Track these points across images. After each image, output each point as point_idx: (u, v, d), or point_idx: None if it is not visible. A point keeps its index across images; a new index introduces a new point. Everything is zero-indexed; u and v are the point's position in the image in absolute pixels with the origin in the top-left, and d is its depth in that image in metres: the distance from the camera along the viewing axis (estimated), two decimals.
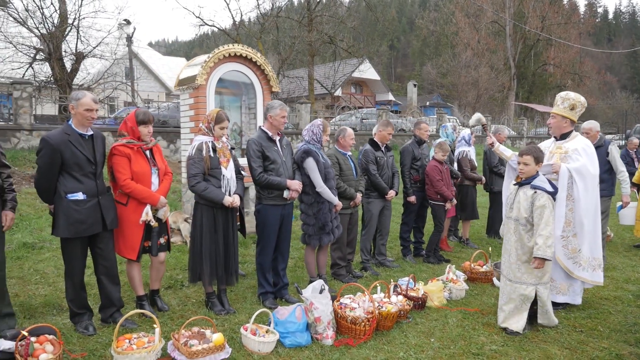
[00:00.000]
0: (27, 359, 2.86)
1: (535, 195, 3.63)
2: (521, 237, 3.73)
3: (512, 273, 3.79)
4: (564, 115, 4.24)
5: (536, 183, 3.66)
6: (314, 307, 3.62)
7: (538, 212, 3.59)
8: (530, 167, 3.70)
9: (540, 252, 3.54)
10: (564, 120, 4.26)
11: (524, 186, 3.75)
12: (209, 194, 3.93)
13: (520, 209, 3.71)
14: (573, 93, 4.31)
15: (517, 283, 3.75)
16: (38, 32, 15.67)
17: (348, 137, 5.03)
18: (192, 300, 4.44)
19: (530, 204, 3.65)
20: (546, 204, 3.58)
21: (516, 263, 3.76)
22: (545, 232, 3.54)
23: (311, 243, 4.64)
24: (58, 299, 4.22)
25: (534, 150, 3.72)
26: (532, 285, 3.71)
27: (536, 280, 3.71)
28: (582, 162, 4.10)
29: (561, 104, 4.25)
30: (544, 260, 3.57)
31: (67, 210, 3.44)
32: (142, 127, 3.76)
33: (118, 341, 3.12)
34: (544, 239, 3.53)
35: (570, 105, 4.21)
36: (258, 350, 3.34)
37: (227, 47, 6.64)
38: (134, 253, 3.79)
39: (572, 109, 4.22)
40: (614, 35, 66.78)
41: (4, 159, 3.49)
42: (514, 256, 3.78)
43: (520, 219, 3.72)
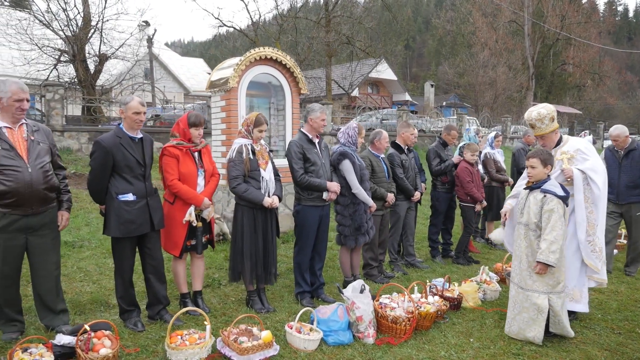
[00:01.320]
0: (88, 353, 2.99)
1: (544, 199, 3.54)
2: (531, 242, 3.62)
3: (524, 280, 3.67)
4: (551, 130, 4.11)
5: (546, 187, 3.57)
6: (355, 306, 3.70)
7: (546, 216, 3.50)
8: (538, 170, 3.61)
9: (543, 257, 3.44)
10: (554, 133, 4.15)
11: (534, 190, 3.66)
12: (249, 195, 4.04)
13: (530, 214, 3.62)
14: (543, 108, 4.09)
15: (529, 291, 3.63)
16: (63, 34, 15.99)
17: (383, 140, 5.11)
18: (231, 299, 4.56)
19: (539, 208, 3.56)
20: (555, 208, 3.48)
21: (527, 270, 3.64)
22: (550, 236, 3.44)
23: (347, 244, 4.72)
24: (104, 296, 4.36)
25: (540, 153, 3.63)
26: (545, 294, 3.57)
27: (548, 288, 3.57)
28: (592, 161, 4.01)
29: (541, 124, 4.08)
30: (546, 266, 3.46)
31: (118, 210, 3.57)
32: (192, 130, 3.88)
33: (171, 337, 3.23)
34: (548, 244, 3.44)
35: (550, 119, 4.07)
36: (304, 347, 3.43)
37: (258, 51, 6.75)
38: (177, 250, 3.92)
39: (553, 120, 4.10)
40: (634, 34, 65.63)
41: (60, 161, 3.63)
42: (525, 263, 3.66)
43: (530, 224, 3.63)
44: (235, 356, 3.15)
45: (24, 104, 3.33)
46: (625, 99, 45.71)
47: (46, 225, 3.46)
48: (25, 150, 3.33)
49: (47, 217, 3.47)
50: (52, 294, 3.55)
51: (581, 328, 3.95)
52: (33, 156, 3.35)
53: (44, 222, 3.44)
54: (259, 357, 3.18)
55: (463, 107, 38.38)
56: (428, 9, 77.18)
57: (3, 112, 3.32)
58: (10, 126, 3.33)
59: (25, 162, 3.29)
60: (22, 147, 3.32)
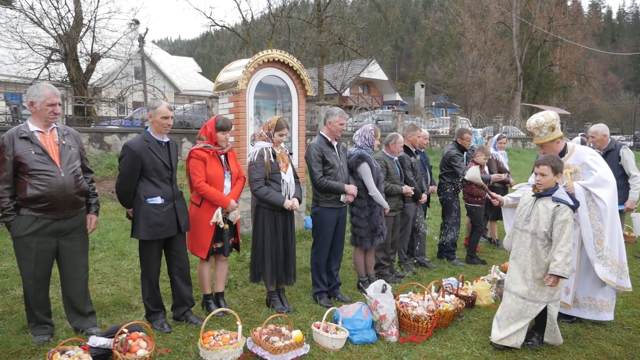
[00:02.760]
0: (126, 354, 3.04)
1: (557, 209, 3.37)
2: (537, 252, 3.46)
3: (527, 291, 3.52)
4: (552, 140, 3.95)
5: (558, 195, 3.41)
6: (379, 305, 3.80)
7: (559, 227, 3.34)
8: (548, 178, 3.43)
9: (559, 270, 3.28)
10: (555, 143, 3.97)
11: (543, 198, 3.48)
12: (270, 197, 4.12)
13: (540, 222, 3.43)
14: (542, 117, 3.95)
15: (531, 301, 3.50)
16: (55, 32, 15.81)
17: (398, 144, 5.22)
18: (250, 299, 4.62)
19: (551, 218, 3.38)
20: (569, 218, 3.34)
21: (532, 280, 3.50)
22: (566, 248, 3.29)
23: (363, 245, 4.81)
24: (124, 298, 4.40)
25: (551, 160, 3.44)
26: (544, 303, 3.49)
27: (548, 297, 3.48)
28: (596, 175, 3.85)
29: (540, 132, 3.95)
30: (559, 278, 3.34)
31: (146, 213, 3.62)
32: (219, 133, 3.94)
33: (203, 338, 3.30)
34: (564, 256, 3.28)
35: (549, 128, 3.92)
36: (332, 346, 3.52)
37: (266, 53, 6.81)
38: (204, 252, 3.98)
39: (553, 130, 3.93)
40: (617, 35, 66.94)
41: (87, 164, 3.67)
42: (530, 273, 3.51)
43: (538, 232, 3.44)
44: (268, 355, 3.23)
45: (57, 108, 3.36)
46: (609, 99, 46.65)
47: (76, 229, 3.50)
48: (58, 155, 3.36)
49: (78, 221, 3.51)
50: (82, 296, 3.59)
51: (593, 325, 4.11)
52: (65, 160, 3.38)
53: (75, 226, 3.48)
54: (291, 356, 3.26)
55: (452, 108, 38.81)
56: (416, 9, 77.78)
57: (36, 116, 3.35)
58: (42, 130, 3.36)
59: (58, 166, 3.32)
60: (55, 151, 3.36)
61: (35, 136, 3.33)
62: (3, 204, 3.29)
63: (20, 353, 3.24)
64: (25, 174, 3.26)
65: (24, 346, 3.33)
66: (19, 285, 4.49)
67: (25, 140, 3.29)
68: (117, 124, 13.73)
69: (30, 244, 3.31)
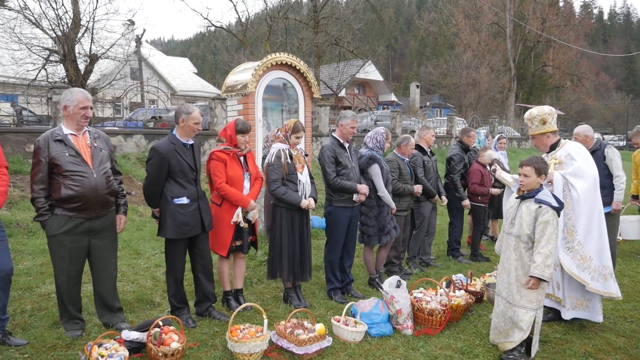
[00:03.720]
0: (159, 347, 3.19)
1: (539, 210, 3.33)
2: (522, 255, 3.42)
3: (511, 295, 3.46)
4: (541, 133, 4.12)
5: (540, 197, 3.36)
6: (395, 300, 3.97)
7: (541, 228, 3.30)
8: (531, 179, 3.40)
9: (538, 272, 3.24)
10: (545, 136, 4.13)
11: (527, 200, 3.44)
12: (288, 197, 4.28)
13: (523, 225, 3.39)
14: (536, 109, 4.13)
15: (517, 307, 3.42)
16: (53, 33, 15.82)
17: (410, 146, 5.42)
18: (267, 296, 4.78)
19: (533, 219, 3.34)
20: (550, 220, 3.28)
21: (515, 284, 3.43)
22: (546, 250, 3.25)
23: (371, 243, 4.99)
24: (146, 295, 4.54)
25: (535, 161, 3.43)
26: (533, 311, 3.39)
27: (536, 304, 3.40)
28: (576, 165, 3.93)
29: (532, 124, 4.14)
30: (539, 281, 3.28)
31: (173, 213, 3.77)
32: (239, 136, 4.09)
33: (231, 331, 3.45)
34: (543, 258, 3.24)
35: (540, 121, 4.08)
36: (353, 339, 3.69)
37: (275, 56, 6.96)
38: (225, 250, 4.13)
39: (545, 123, 4.07)
40: (609, 36, 67.74)
41: (117, 166, 3.81)
42: (514, 276, 3.45)
43: (521, 235, 3.41)
44: (294, 348, 3.39)
45: (89, 112, 3.50)
46: (601, 99, 47.24)
47: (107, 228, 3.64)
48: (90, 157, 3.50)
49: (108, 220, 3.65)
50: (111, 293, 3.74)
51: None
52: (97, 162, 3.52)
53: (105, 225, 3.63)
54: (315, 348, 3.42)
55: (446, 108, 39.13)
56: (410, 9, 78.19)
57: (68, 119, 3.49)
58: (75, 133, 3.50)
59: (90, 168, 3.46)
60: (87, 153, 3.50)
61: (69, 139, 3.47)
62: (38, 204, 3.42)
63: (56, 347, 3.38)
64: (59, 175, 3.39)
65: (58, 340, 3.46)
66: (44, 282, 4.64)
67: (60, 143, 3.43)
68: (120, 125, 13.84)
69: (64, 242, 3.45)
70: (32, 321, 3.82)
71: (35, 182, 3.42)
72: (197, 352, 3.44)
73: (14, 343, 3.35)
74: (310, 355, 3.40)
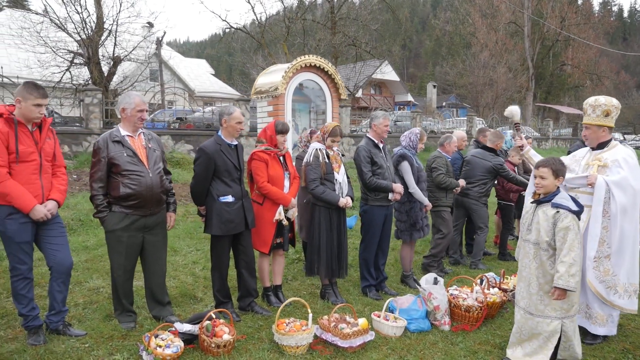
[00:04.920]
0: (212, 338, 3.34)
1: (557, 215, 3.12)
2: (543, 263, 3.20)
3: (533, 305, 3.26)
4: (599, 125, 3.78)
5: (558, 201, 3.15)
6: (432, 297, 4.08)
7: (561, 235, 3.09)
8: (548, 182, 3.20)
9: (562, 282, 3.04)
10: (601, 129, 3.79)
11: (543, 204, 3.24)
12: (326, 196, 4.41)
13: (541, 231, 3.19)
14: (603, 97, 3.80)
15: (540, 317, 3.23)
16: (78, 37, 16.19)
17: (452, 143, 5.65)
18: (303, 292, 4.91)
19: (552, 225, 3.14)
20: (571, 225, 3.07)
21: (538, 294, 3.23)
22: (569, 258, 3.04)
23: (403, 238, 5.11)
24: (188, 290, 4.70)
25: (552, 162, 3.24)
26: (558, 320, 3.19)
27: (562, 313, 3.19)
28: (623, 175, 3.62)
29: (592, 112, 3.79)
30: (565, 292, 3.07)
31: (219, 211, 3.93)
32: (279, 136, 4.24)
33: (278, 325, 3.59)
34: (567, 267, 3.03)
35: (603, 111, 3.74)
36: (393, 334, 3.81)
37: (304, 58, 7.11)
38: (267, 247, 4.28)
39: (607, 115, 3.75)
40: (629, 34, 66.65)
41: (167, 166, 3.98)
42: (535, 286, 3.24)
43: (540, 242, 3.20)
44: (338, 341, 3.51)
45: (144, 115, 3.68)
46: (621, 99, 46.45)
47: (159, 225, 3.82)
48: (146, 157, 3.68)
49: (160, 218, 3.83)
50: (162, 287, 3.91)
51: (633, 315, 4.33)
52: (152, 162, 3.70)
53: (158, 222, 3.80)
54: (359, 341, 3.54)
55: (463, 108, 38.95)
56: (425, 9, 77.90)
57: (125, 122, 3.67)
58: (131, 134, 3.68)
59: (146, 167, 3.64)
60: (143, 154, 3.67)
61: (126, 140, 3.65)
62: (97, 201, 3.61)
63: (113, 337, 3.55)
64: (118, 174, 3.57)
65: (114, 332, 3.64)
66: (91, 277, 4.84)
67: (118, 144, 3.61)
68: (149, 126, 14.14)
69: (121, 238, 3.63)
70: (86, 314, 4.01)
71: (94, 181, 3.60)
72: (245, 344, 3.58)
73: (73, 334, 3.54)
74: (354, 349, 3.53)
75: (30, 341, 3.38)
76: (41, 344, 3.36)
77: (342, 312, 3.96)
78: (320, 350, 3.53)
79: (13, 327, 3.65)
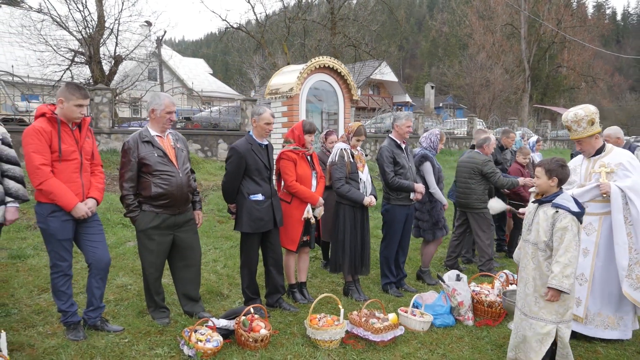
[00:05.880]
0: (250, 333, 3.43)
1: (556, 215, 3.09)
2: (540, 264, 3.17)
3: (528, 306, 3.22)
4: (591, 135, 3.75)
5: (558, 201, 3.13)
6: (456, 293, 4.19)
7: (558, 235, 3.06)
8: (541, 181, 3.19)
9: (555, 282, 2.99)
10: (594, 138, 3.78)
11: (544, 205, 3.21)
12: (352, 195, 4.51)
13: (540, 231, 3.16)
14: (581, 109, 3.73)
15: (534, 319, 3.17)
16: (80, 35, 16.16)
17: (491, 145, 5.70)
18: (325, 289, 5.00)
19: (550, 225, 3.11)
20: (569, 225, 3.04)
21: (533, 295, 3.19)
22: (564, 259, 3.01)
23: (425, 237, 5.23)
24: (214, 288, 4.77)
25: (546, 162, 3.22)
26: (553, 324, 3.12)
27: (557, 317, 3.12)
28: (634, 179, 3.60)
29: (578, 127, 3.74)
30: (559, 293, 3.03)
31: (249, 209, 4.02)
32: (307, 136, 4.33)
33: (311, 320, 3.69)
34: (562, 267, 2.99)
35: (588, 122, 3.70)
36: (421, 328, 3.92)
37: (318, 60, 7.22)
38: (294, 245, 4.37)
39: (593, 124, 3.72)
40: (622, 36, 67.35)
41: (190, 165, 4.05)
42: (531, 286, 3.21)
43: (539, 242, 3.17)
44: (370, 335, 3.62)
45: (173, 116, 3.76)
46: (614, 100, 47.02)
47: (188, 223, 3.89)
48: (175, 157, 3.75)
49: (188, 215, 3.90)
50: (194, 283, 3.99)
51: None
52: (181, 162, 3.78)
53: (186, 220, 3.88)
54: (390, 336, 3.65)
55: (460, 109, 39.20)
56: (421, 10, 78.24)
57: (154, 122, 3.74)
58: (160, 135, 3.76)
59: (176, 167, 3.72)
60: (172, 154, 3.75)
61: (156, 140, 3.72)
62: (128, 201, 3.68)
63: (150, 333, 3.63)
64: (149, 173, 3.64)
65: (151, 327, 3.71)
66: (118, 275, 4.91)
67: (148, 144, 3.68)
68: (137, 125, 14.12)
69: (152, 236, 3.71)
70: (119, 310, 4.08)
71: (125, 181, 3.67)
72: (279, 339, 3.67)
73: (111, 329, 3.61)
74: (385, 343, 3.63)
75: (70, 336, 3.45)
76: (81, 339, 3.43)
77: (371, 307, 4.06)
78: (352, 344, 3.63)
79: (51, 323, 3.71)
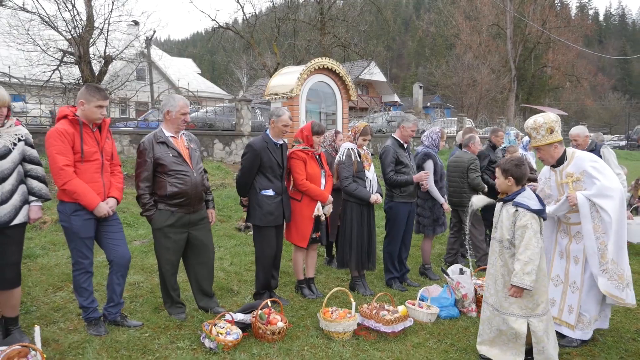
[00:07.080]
0: (267, 326, 3.57)
1: (517, 214, 3.17)
2: (506, 261, 3.25)
3: (499, 302, 3.30)
4: (549, 143, 3.69)
5: (519, 199, 3.18)
6: (460, 286, 4.38)
7: (519, 233, 3.13)
8: (499, 181, 3.29)
9: (517, 280, 3.08)
10: (552, 147, 3.71)
11: (507, 203, 3.28)
12: (359, 193, 4.68)
13: (503, 230, 3.24)
14: (541, 117, 3.71)
15: (506, 314, 3.26)
16: (69, 35, 16.02)
17: (477, 143, 5.92)
18: (331, 285, 5.14)
19: (512, 224, 3.19)
20: (528, 223, 3.10)
21: (503, 291, 3.28)
22: (524, 256, 3.07)
23: (426, 232, 5.42)
24: (223, 284, 4.88)
25: (502, 163, 3.31)
26: (523, 318, 3.20)
27: (527, 312, 3.20)
28: (599, 184, 3.57)
29: (537, 134, 3.69)
30: (521, 289, 3.10)
31: (260, 203, 4.19)
32: (315, 137, 4.48)
33: (324, 313, 3.84)
34: (522, 265, 3.07)
35: (547, 130, 3.65)
36: (428, 320, 4.10)
37: (318, 61, 7.37)
38: (305, 242, 4.52)
39: (552, 132, 3.66)
40: (604, 37, 68.71)
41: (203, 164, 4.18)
42: (501, 283, 3.29)
43: (503, 240, 3.25)
44: (381, 327, 3.78)
45: (187, 117, 3.88)
46: (598, 100, 48.01)
47: (201, 220, 4.02)
48: (189, 157, 3.87)
49: (202, 214, 4.03)
50: (209, 279, 4.11)
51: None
52: (194, 162, 3.90)
53: (200, 218, 4.00)
54: (400, 327, 3.81)
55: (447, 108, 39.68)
56: (407, 10, 78.84)
57: (168, 123, 3.85)
58: (174, 135, 3.87)
59: (190, 167, 3.83)
60: (186, 154, 3.87)
61: (170, 141, 3.83)
62: (144, 200, 3.79)
63: (169, 328, 3.74)
64: (164, 173, 3.75)
65: (169, 322, 3.83)
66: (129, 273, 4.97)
67: (162, 145, 3.79)
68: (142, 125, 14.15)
69: (168, 234, 3.82)
70: (135, 307, 4.18)
71: (141, 180, 3.77)
72: (294, 332, 3.81)
73: (131, 324, 3.72)
74: (396, 334, 3.80)
75: (92, 332, 3.55)
76: (103, 334, 3.53)
77: (381, 300, 4.22)
78: (365, 335, 3.79)
79: (71, 320, 3.80)
